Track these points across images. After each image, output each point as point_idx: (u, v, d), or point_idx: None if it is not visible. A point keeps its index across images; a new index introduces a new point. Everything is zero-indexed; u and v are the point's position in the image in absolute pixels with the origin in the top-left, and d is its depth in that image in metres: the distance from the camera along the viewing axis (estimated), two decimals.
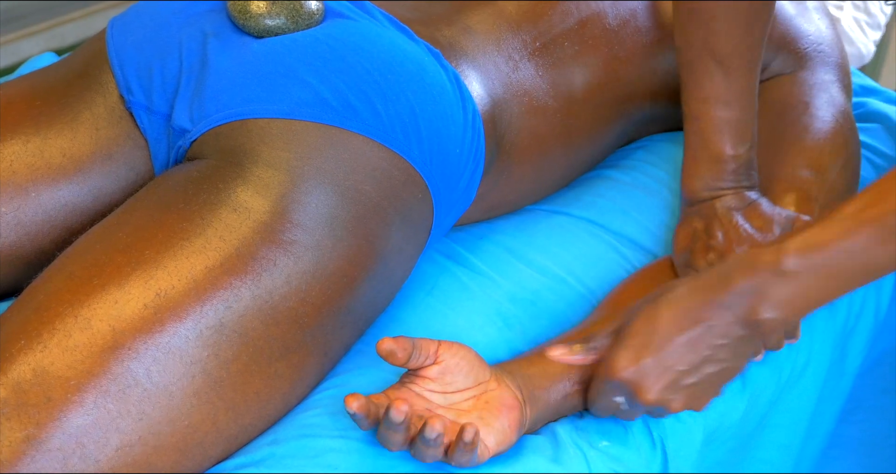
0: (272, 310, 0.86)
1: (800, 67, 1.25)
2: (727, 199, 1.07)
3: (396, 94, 0.97)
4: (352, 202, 0.92)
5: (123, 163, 1.03)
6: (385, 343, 0.86)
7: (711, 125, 1.05)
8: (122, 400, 0.80)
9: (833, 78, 1.25)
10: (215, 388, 0.83)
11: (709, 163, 1.07)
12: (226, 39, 1.00)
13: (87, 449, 0.79)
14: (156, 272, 0.84)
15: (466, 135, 1.01)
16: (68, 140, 1.01)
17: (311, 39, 0.99)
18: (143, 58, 1.02)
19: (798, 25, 1.27)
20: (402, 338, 0.87)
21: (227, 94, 0.96)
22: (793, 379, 1.15)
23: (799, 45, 1.26)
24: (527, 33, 1.11)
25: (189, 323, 0.83)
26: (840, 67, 1.28)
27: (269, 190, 0.89)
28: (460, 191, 1.03)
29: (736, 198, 1.06)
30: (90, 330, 0.81)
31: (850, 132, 1.20)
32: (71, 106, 1.02)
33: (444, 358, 0.89)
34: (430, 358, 0.89)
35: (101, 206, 1.01)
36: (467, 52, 1.07)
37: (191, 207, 0.88)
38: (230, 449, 0.87)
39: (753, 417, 1.11)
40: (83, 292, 0.83)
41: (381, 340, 0.86)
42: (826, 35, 1.29)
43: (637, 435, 0.98)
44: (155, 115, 1.01)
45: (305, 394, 0.92)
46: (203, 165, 0.93)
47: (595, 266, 1.12)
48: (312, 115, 0.93)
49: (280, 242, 0.87)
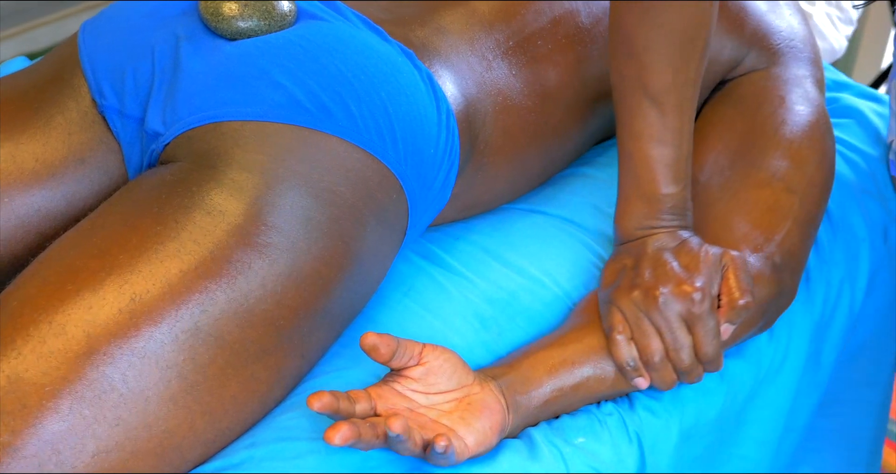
0: (248, 313, 0.86)
1: (773, 63, 1.26)
2: (660, 238, 1.04)
3: (370, 94, 0.97)
4: (326, 204, 0.92)
5: (97, 168, 1.02)
6: (369, 337, 0.86)
7: (645, 163, 1.03)
8: (97, 405, 0.80)
9: (806, 73, 1.26)
10: (192, 393, 0.83)
11: (642, 203, 1.04)
12: (198, 42, 0.99)
13: (64, 456, 0.78)
14: (130, 276, 0.84)
15: (441, 136, 1.01)
16: (41, 145, 1.00)
17: (283, 41, 0.99)
18: (115, 61, 1.01)
19: (770, 22, 1.27)
20: (387, 335, 0.87)
21: (200, 96, 0.95)
22: (770, 373, 1.15)
23: (771, 40, 1.26)
24: (500, 32, 1.11)
25: (164, 327, 0.83)
26: (813, 63, 1.28)
27: (243, 192, 0.89)
28: (435, 192, 1.03)
29: (669, 237, 1.03)
30: (65, 335, 0.81)
31: (826, 127, 1.21)
32: (43, 110, 1.02)
33: (427, 359, 0.90)
34: (414, 360, 0.89)
35: (74, 211, 1.00)
36: (440, 52, 1.07)
37: (165, 211, 0.88)
38: (208, 453, 0.87)
39: (731, 413, 1.12)
40: (57, 298, 0.83)
41: (365, 334, 0.86)
42: (798, 31, 1.30)
43: (613, 431, 0.98)
44: (128, 118, 1.01)
45: (283, 397, 0.92)
46: (177, 169, 0.93)
47: (571, 266, 1.12)
48: (286, 117, 0.93)
49: (255, 245, 0.87)
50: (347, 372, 0.96)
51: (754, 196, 1.12)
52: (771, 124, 1.18)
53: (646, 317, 0.97)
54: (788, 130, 1.18)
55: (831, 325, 1.24)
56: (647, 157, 1.02)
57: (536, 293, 1.09)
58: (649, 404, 1.02)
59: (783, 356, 1.16)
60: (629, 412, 1.01)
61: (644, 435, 1.00)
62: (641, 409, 1.02)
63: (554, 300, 1.09)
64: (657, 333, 0.97)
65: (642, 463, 0.99)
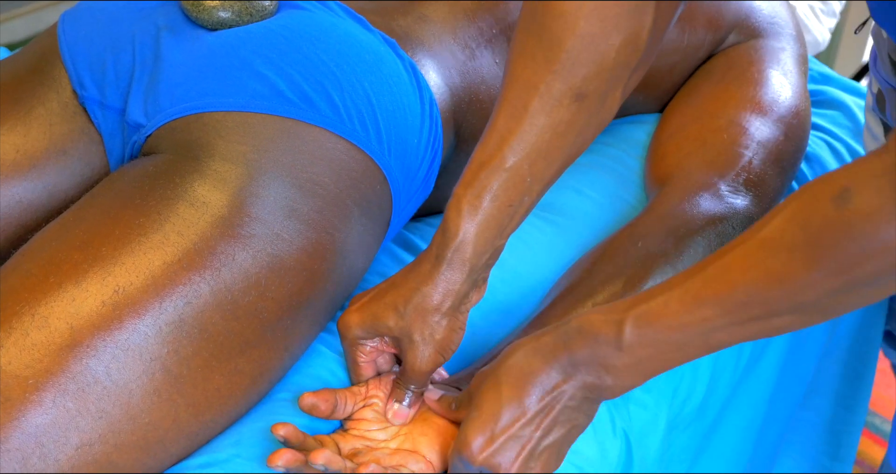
0: (232, 305, 0.85)
1: (751, 37, 1.28)
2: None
3: (353, 84, 0.96)
4: (310, 195, 0.91)
5: (78, 159, 1.02)
6: (306, 398, 0.87)
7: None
8: (81, 398, 0.79)
9: (785, 46, 1.28)
10: (175, 385, 0.83)
11: None
12: (179, 32, 0.99)
13: (47, 449, 0.78)
14: (113, 269, 0.83)
15: (424, 125, 1.01)
16: (21, 136, 0.99)
17: (265, 31, 0.98)
18: (95, 52, 1.01)
19: (751, 4, 1.30)
20: (324, 391, 0.88)
21: (182, 87, 0.95)
22: (752, 361, 1.15)
23: (751, 19, 1.29)
24: (483, 21, 1.11)
25: (148, 319, 0.82)
26: (795, 39, 1.30)
27: (226, 184, 0.89)
28: (419, 182, 1.03)
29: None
30: (48, 328, 0.80)
31: (800, 100, 1.22)
32: (23, 102, 1.01)
33: (376, 397, 0.90)
34: (359, 405, 0.90)
35: (56, 203, 1.00)
36: (423, 42, 1.06)
37: (147, 203, 0.87)
38: (192, 447, 0.86)
39: (715, 401, 1.12)
40: (40, 290, 0.82)
41: (302, 395, 0.87)
42: (780, 12, 1.32)
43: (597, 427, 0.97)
44: (109, 109, 1.00)
45: (267, 390, 0.92)
46: (159, 160, 0.92)
47: (548, 254, 1.12)
48: (268, 108, 0.93)
49: (238, 236, 0.87)
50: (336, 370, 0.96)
51: (710, 139, 1.15)
52: (737, 84, 1.21)
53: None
54: (754, 89, 1.20)
55: None
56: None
57: (513, 284, 1.08)
58: (641, 398, 1.02)
59: (765, 343, 1.16)
60: (619, 407, 1.00)
61: (631, 430, 0.99)
62: (633, 404, 1.01)
63: (530, 290, 1.08)
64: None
65: (629, 456, 0.99)
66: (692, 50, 1.28)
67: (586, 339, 0.80)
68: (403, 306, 0.87)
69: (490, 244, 0.86)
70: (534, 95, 0.84)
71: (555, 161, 0.86)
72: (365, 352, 0.91)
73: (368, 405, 0.90)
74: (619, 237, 1.08)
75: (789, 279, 0.72)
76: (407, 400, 0.90)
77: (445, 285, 0.86)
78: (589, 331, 0.80)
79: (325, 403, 0.87)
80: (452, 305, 0.87)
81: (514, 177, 0.85)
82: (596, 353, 0.80)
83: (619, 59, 0.83)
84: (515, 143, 0.84)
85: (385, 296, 0.89)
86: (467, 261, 0.86)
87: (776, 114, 1.18)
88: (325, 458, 0.80)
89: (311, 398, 0.87)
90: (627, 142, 1.29)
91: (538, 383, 0.82)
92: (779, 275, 0.72)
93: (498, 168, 0.85)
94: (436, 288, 0.86)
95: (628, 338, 0.78)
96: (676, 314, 0.76)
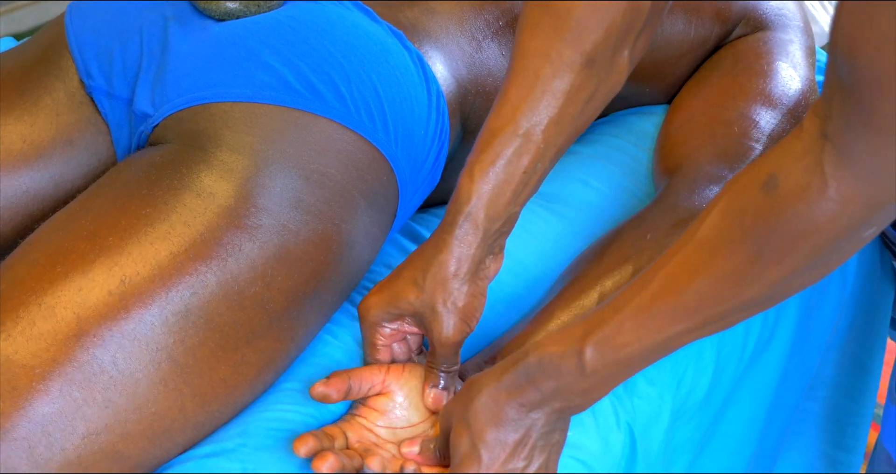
0: (238, 296, 0.86)
1: (759, 29, 1.28)
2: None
3: (360, 76, 0.96)
4: (317, 186, 0.91)
5: (85, 149, 1.02)
6: (317, 388, 0.86)
7: None
8: (87, 388, 0.80)
9: (793, 38, 1.27)
10: (182, 375, 0.83)
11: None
12: (187, 23, 0.99)
13: (53, 438, 0.78)
14: (120, 259, 0.83)
15: (431, 117, 1.01)
16: (28, 125, 1.00)
17: (272, 22, 0.98)
18: (102, 42, 1.01)
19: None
20: (334, 378, 0.87)
21: (189, 78, 0.95)
22: (756, 353, 1.15)
23: (759, 11, 1.29)
24: (489, 12, 1.11)
25: (154, 309, 0.82)
26: (802, 31, 1.30)
27: (233, 174, 0.89)
28: (426, 173, 1.03)
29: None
30: (54, 318, 0.81)
31: (809, 92, 1.22)
32: (31, 91, 1.01)
33: (391, 388, 0.90)
34: (376, 388, 0.89)
35: (63, 193, 1.00)
36: (430, 33, 1.06)
37: (154, 193, 0.88)
38: (198, 437, 0.86)
39: (719, 393, 1.12)
40: (47, 280, 0.82)
41: (313, 386, 0.86)
42: (787, 3, 1.32)
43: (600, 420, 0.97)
44: (116, 99, 1.00)
45: (273, 381, 0.92)
46: (166, 150, 0.92)
47: (554, 245, 1.12)
48: (275, 99, 0.93)
49: (245, 227, 0.87)
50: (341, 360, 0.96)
51: (720, 131, 1.14)
52: (746, 76, 1.21)
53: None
54: (763, 82, 1.19)
55: (820, 307, 1.25)
56: None
57: (519, 274, 1.08)
58: (645, 391, 1.01)
59: (770, 333, 1.16)
60: (622, 399, 1.00)
61: (635, 423, 0.99)
62: (636, 397, 1.01)
63: (535, 282, 1.08)
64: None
65: (633, 449, 0.99)
66: (699, 41, 1.28)
67: (548, 373, 0.80)
68: (422, 278, 0.87)
69: (504, 209, 0.86)
70: (545, 63, 0.85)
71: (567, 127, 0.87)
72: (384, 335, 0.91)
73: (385, 393, 0.90)
74: (627, 228, 1.08)
75: (734, 275, 0.73)
76: (442, 381, 0.89)
77: (460, 250, 0.86)
78: (549, 365, 0.80)
79: (336, 392, 0.87)
80: (469, 270, 0.87)
81: (527, 143, 0.85)
82: (561, 383, 0.80)
83: (624, 23, 0.84)
84: (527, 110, 0.85)
85: (402, 273, 0.89)
86: (480, 224, 0.86)
87: (785, 106, 1.18)
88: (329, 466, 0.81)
89: (322, 388, 0.86)
90: (635, 133, 1.29)
91: (509, 420, 0.82)
92: (723, 272, 0.73)
93: (512, 134, 0.85)
94: (451, 254, 0.86)
95: (591, 364, 0.78)
96: (632, 331, 0.77)
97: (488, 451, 0.82)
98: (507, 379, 0.82)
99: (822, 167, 0.67)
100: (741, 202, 0.72)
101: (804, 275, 0.73)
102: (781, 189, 0.69)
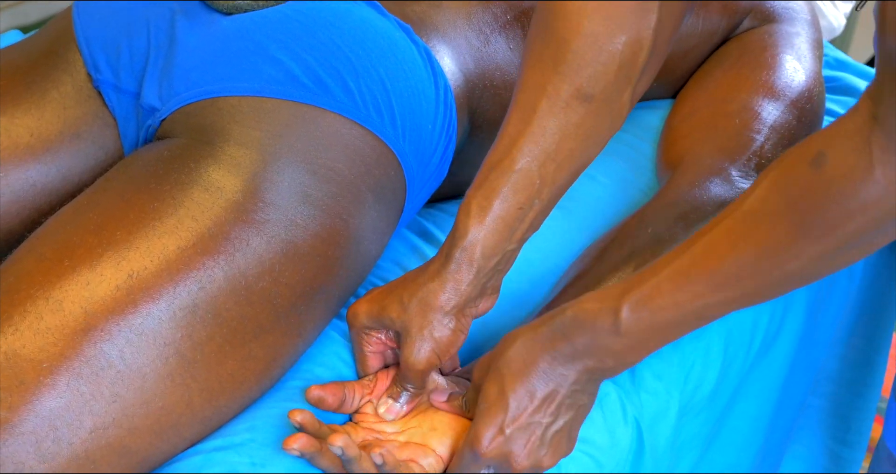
0: (246, 291, 0.86)
1: (766, 22, 1.28)
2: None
3: (367, 70, 0.96)
4: (324, 180, 0.91)
5: (92, 143, 1.02)
6: (313, 391, 0.86)
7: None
8: (95, 382, 0.79)
9: (800, 31, 1.27)
10: (189, 370, 0.83)
11: None
12: (194, 17, 0.98)
13: (61, 432, 0.78)
14: (128, 253, 0.83)
15: (439, 111, 1.01)
16: (35, 119, 1.00)
17: (280, 16, 0.98)
18: (110, 36, 1.01)
19: None
20: (331, 384, 0.88)
21: (197, 71, 0.95)
22: (764, 348, 1.15)
23: (766, 4, 1.29)
24: (497, 6, 1.11)
25: (162, 304, 0.82)
26: (810, 24, 1.30)
27: (240, 169, 0.89)
28: (433, 168, 1.03)
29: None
30: (62, 312, 0.80)
31: (813, 84, 1.21)
32: (38, 84, 1.01)
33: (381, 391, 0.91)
34: (367, 397, 0.90)
35: (70, 187, 1.00)
36: (438, 27, 1.06)
37: (162, 187, 0.87)
38: (205, 432, 0.86)
39: (726, 388, 1.12)
40: (54, 274, 0.82)
41: (309, 388, 0.87)
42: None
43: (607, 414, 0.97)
44: (123, 93, 1.00)
45: (280, 376, 0.92)
46: (173, 144, 0.92)
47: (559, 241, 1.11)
48: (283, 93, 0.93)
49: (253, 222, 0.87)
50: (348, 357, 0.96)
51: (722, 124, 1.14)
52: (750, 69, 1.21)
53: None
54: (767, 74, 1.19)
55: (828, 302, 1.25)
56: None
57: (524, 271, 1.08)
58: (652, 386, 1.01)
59: (778, 327, 1.16)
60: (630, 393, 1.00)
61: (643, 417, 0.99)
62: (644, 392, 1.01)
63: (540, 278, 1.08)
64: None
65: (640, 444, 0.99)
66: (707, 35, 1.27)
67: (584, 328, 0.81)
68: (408, 299, 0.87)
69: (499, 247, 0.86)
70: (542, 97, 0.84)
71: (564, 164, 0.86)
72: (371, 343, 0.91)
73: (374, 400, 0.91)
74: (629, 223, 1.08)
75: (776, 247, 0.74)
76: (402, 398, 0.90)
77: (452, 284, 0.86)
78: (586, 321, 0.81)
79: (332, 396, 0.87)
80: (457, 306, 0.87)
81: (522, 179, 0.85)
82: (595, 340, 0.81)
83: (624, 58, 0.83)
84: (524, 145, 0.85)
85: (395, 289, 0.89)
86: (475, 262, 0.86)
87: (788, 98, 1.18)
88: (344, 441, 0.80)
89: (319, 391, 0.87)
90: (641, 127, 1.28)
91: (540, 371, 0.83)
92: (765, 244, 0.74)
93: (507, 170, 0.85)
94: (442, 286, 0.87)
95: (625, 323, 0.79)
96: (669, 294, 0.78)
97: (516, 400, 0.83)
98: (542, 331, 0.83)
99: (870, 149, 0.68)
100: (789, 176, 0.73)
101: (846, 253, 0.74)
102: (829, 166, 0.70)
